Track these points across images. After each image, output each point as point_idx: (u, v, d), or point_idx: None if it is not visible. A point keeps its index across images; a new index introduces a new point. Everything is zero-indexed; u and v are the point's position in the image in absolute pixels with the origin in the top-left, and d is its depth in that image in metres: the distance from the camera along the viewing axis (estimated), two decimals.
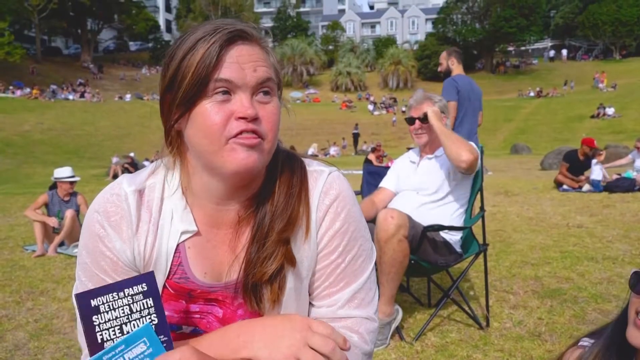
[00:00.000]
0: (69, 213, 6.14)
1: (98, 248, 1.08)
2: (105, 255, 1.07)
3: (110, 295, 0.90)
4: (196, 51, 0.96)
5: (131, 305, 0.92)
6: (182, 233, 1.09)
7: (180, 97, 0.98)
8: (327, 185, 1.13)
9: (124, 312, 0.91)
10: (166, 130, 1.06)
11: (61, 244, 6.19)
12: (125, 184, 1.10)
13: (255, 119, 0.98)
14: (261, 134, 0.99)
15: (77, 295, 0.89)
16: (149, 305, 0.93)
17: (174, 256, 1.09)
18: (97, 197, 1.11)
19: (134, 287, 0.92)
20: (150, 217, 1.09)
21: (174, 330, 1.09)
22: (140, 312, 0.92)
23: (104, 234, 1.07)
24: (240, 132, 0.97)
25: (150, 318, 0.93)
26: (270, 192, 1.10)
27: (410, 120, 3.37)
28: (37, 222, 6.04)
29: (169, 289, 1.10)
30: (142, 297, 0.92)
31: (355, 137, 33.86)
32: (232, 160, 0.98)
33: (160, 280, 1.09)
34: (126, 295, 0.91)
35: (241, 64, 0.98)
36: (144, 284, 0.93)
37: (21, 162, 26.49)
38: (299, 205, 1.10)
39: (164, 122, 1.04)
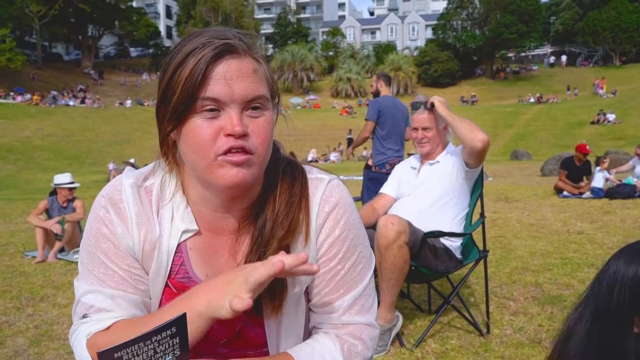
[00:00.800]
0: (69, 219, 6.15)
1: (100, 230, 1.09)
2: (107, 238, 1.09)
3: (136, 345, 0.87)
4: (185, 67, 0.96)
5: (156, 347, 0.89)
6: (183, 232, 1.10)
7: (171, 111, 0.99)
8: (327, 192, 1.14)
9: (147, 356, 0.89)
10: (161, 140, 1.07)
11: (61, 250, 6.19)
12: (124, 176, 1.12)
13: (244, 135, 0.97)
14: (250, 150, 0.99)
15: (101, 354, 0.84)
16: (174, 344, 0.91)
17: (176, 255, 1.10)
18: (107, 185, 1.14)
19: (162, 333, 0.89)
20: (151, 214, 1.10)
21: None
22: (165, 351, 0.90)
23: (108, 218, 1.09)
24: (229, 149, 0.97)
25: (173, 353, 0.91)
26: (271, 200, 1.11)
27: (416, 105, 3.38)
28: (40, 228, 6.04)
29: (172, 288, 1.11)
30: (169, 339, 0.90)
31: (350, 142, 33.96)
32: (222, 176, 0.98)
33: (161, 278, 1.10)
34: (153, 342, 0.89)
35: (228, 80, 0.97)
36: (173, 328, 0.90)
37: (22, 168, 26.50)
38: (299, 213, 1.11)
39: (159, 132, 1.06)
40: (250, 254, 1.09)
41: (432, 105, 3.26)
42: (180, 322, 0.91)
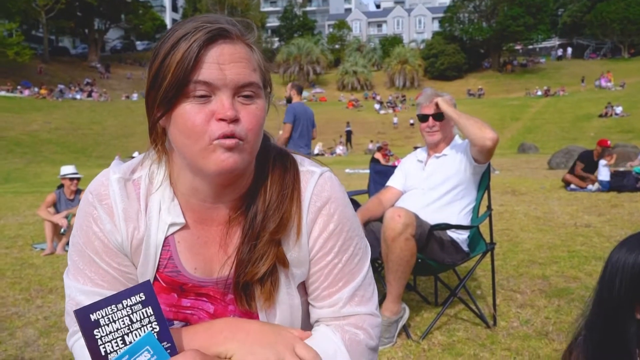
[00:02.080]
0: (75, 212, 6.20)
1: (91, 228, 1.08)
2: (97, 236, 1.08)
3: (109, 307, 0.91)
4: (177, 51, 0.94)
5: (131, 315, 0.92)
6: (170, 225, 1.08)
7: (161, 97, 0.97)
8: (319, 187, 1.12)
9: (124, 323, 0.92)
10: (150, 127, 1.05)
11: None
12: (111, 171, 1.11)
13: (235, 120, 0.96)
14: (241, 136, 0.97)
15: (77, 312, 0.90)
16: (149, 314, 0.94)
17: (163, 249, 1.09)
18: (94, 180, 1.12)
19: (131, 298, 0.93)
20: (138, 207, 1.08)
21: None
22: (141, 322, 0.93)
23: (96, 215, 1.07)
24: (222, 135, 0.95)
25: (151, 326, 0.93)
26: (262, 191, 1.09)
27: (423, 117, 3.36)
28: (48, 221, 6.10)
29: (161, 282, 1.11)
30: (141, 307, 0.93)
31: (348, 134, 33.97)
32: (213, 161, 0.97)
33: (150, 273, 1.09)
34: (125, 306, 0.92)
35: (221, 64, 0.95)
36: (142, 294, 0.94)
37: (29, 161, 26.68)
38: (291, 205, 1.09)
39: (148, 119, 1.04)
40: (242, 246, 1.08)
41: (437, 105, 3.25)
42: (147, 289, 0.94)
